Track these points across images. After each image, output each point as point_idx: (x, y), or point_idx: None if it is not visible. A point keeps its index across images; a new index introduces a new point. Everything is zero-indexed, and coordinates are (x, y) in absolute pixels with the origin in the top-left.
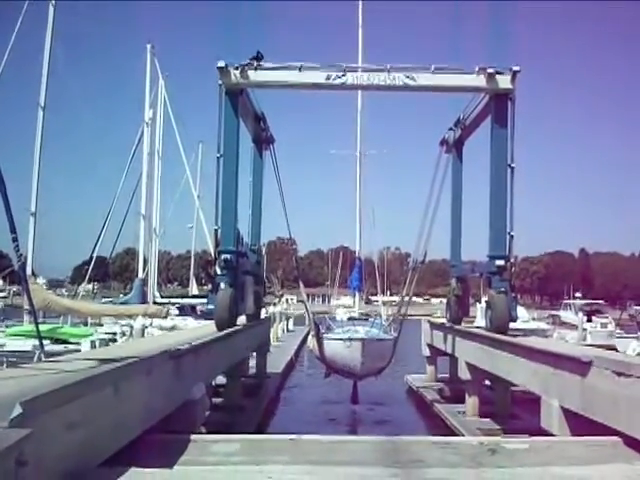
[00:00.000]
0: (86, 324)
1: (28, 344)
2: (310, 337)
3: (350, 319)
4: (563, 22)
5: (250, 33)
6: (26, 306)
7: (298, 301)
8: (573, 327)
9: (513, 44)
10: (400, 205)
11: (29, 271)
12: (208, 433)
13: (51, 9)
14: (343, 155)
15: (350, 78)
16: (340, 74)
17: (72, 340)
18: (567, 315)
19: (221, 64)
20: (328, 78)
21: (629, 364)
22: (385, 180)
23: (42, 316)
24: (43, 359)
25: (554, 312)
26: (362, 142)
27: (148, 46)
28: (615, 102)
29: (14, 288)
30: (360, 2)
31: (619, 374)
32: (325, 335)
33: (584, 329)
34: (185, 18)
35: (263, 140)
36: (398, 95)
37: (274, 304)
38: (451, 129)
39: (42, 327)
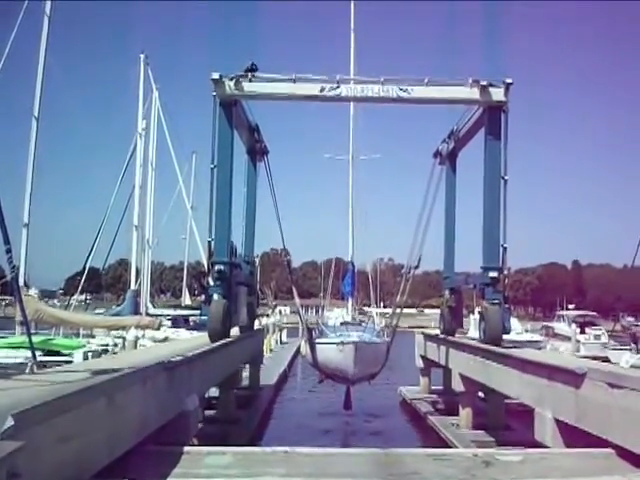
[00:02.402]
0: (78, 335)
1: (20, 355)
2: (303, 343)
3: (343, 324)
4: (557, 30)
5: (244, 43)
6: (18, 317)
7: (291, 312)
8: (566, 339)
9: (507, 52)
10: (394, 216)
11: (21, 282)
12: (201, 445)
13: (46, 20)
14: (337, 163)
15: (344, 90)
16: (334, 86)
17: (64, 352)
18: (560, 327)
19: (215, 76)
20: (322, 90)
21: (622, 376)
22: (379, 191)
23: (34, 327)
24: (35, 371)
25: (547, 324)
26: (355, 148)
27: (141, 56)
28: (609, 113)
29: (6, 299)
30: (352, 11)
31: (613, 386)
32: (318, 340)
33: (577, 341)
34: (179, 30)
35: (257, 151)
36: (392, 104)
37: (267, 315)
38: (444, 141)
39: (34, 338)
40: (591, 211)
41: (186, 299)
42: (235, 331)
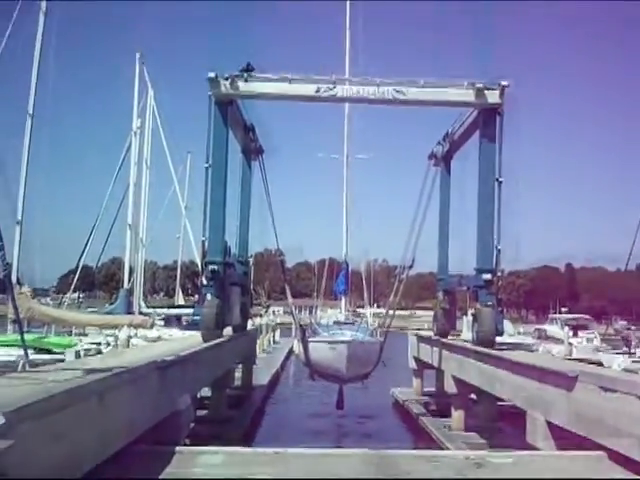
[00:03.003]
0: (70, 334)
1: (12, 353)
2: (296, 342)
3: (336, 323)
4: (553, 31)
5: (240, 43)
6: (10, 315)
7: (285, 312)
8: (559, 341)
9: (502, 54)
10: (388, 217)
11: (14, 279)
12: (193, 445)
13: (41, 17)
14: (332, 163)
15: (340, 91)
16: (330, 86)
17: (56, 350)
18: (553, 329)
19: (212, 75)
20: (318, 90)
21: (614, 379)
22: (373, 192)
23: (26, 325)
24: (27, 369)
25: (540, 326)
26: (350, 148)
27: (137, 55)
28: (604, 114)
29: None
30: (348, 12)
31: (605, 389)
32: (310, 338)
33: (570, 343)
34: (175, 29)
35: (252, 150)
36: (388, 106)
37: (261, 315)
38: (439, 143)
39: (26, 336)
40: (585, 214)
41: (179, 298)
42: (228, 331)
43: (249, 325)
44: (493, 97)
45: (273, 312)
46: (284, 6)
